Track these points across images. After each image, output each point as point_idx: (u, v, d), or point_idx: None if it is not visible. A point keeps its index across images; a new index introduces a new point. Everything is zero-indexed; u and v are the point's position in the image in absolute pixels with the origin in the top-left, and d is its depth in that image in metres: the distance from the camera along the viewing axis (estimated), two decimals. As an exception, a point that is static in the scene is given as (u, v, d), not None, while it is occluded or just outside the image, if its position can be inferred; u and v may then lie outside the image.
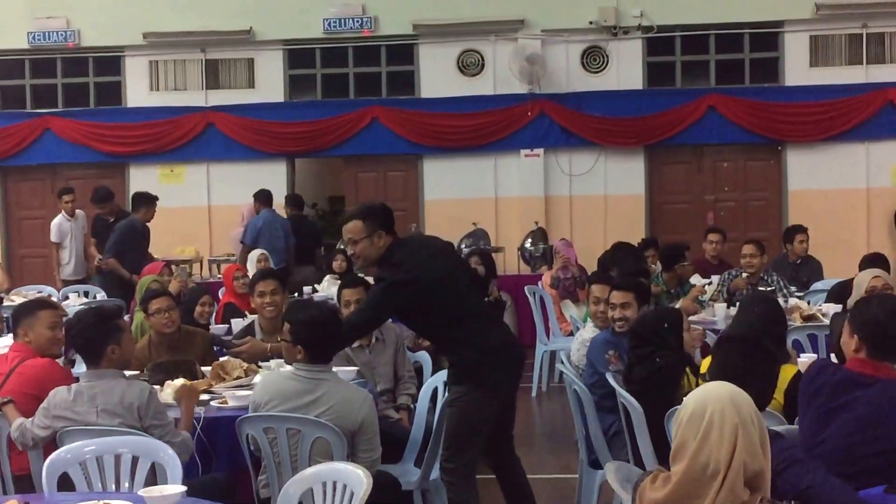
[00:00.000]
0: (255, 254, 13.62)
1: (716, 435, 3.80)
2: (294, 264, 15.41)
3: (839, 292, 10.38)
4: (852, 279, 10.55)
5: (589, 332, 8.18)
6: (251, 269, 12.28)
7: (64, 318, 7.00)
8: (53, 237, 15.88)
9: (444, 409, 6.74)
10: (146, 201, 15.17)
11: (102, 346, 5.99)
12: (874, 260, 10.38)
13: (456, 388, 6.61)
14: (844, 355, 5.28)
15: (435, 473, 6.80)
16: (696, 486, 3.81)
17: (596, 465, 7.00)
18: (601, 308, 8.10)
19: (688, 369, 6.59)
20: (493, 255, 16.34)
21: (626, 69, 18.20)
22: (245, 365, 7.34)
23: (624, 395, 6.62)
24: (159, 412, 5.94)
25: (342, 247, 13.54)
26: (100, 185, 16.84)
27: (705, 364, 6.43)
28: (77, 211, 15.99)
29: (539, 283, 13.73)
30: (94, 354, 6.02)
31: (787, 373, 5.78)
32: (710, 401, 3.87)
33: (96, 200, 15.59)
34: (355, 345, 8.06)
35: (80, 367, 7.18)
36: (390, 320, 7.59)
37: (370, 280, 7.82)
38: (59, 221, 15.95)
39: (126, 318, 11.33)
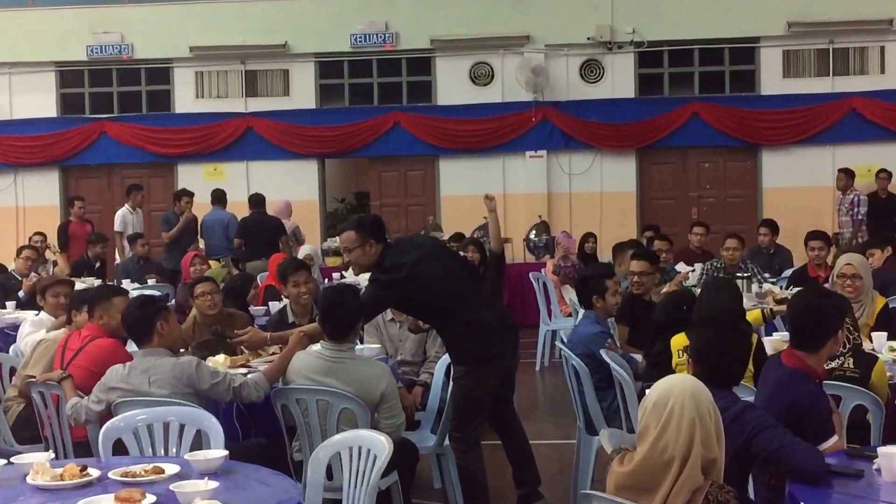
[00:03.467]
0: (306, 248, 13.71)
1: (674, 426, 3.83)
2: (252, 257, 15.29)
3: (797, 278, 10.45)
4: (805, 266, 10.65)
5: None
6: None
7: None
8: (118, 227, 15.84)
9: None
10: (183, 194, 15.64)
11: (152, 323, 5.99)
12: (816, 234, 10.74)
13: (459, 367, 6.58)
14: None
15: (448, 440, 6.80)
16: (655, 468, 3.84)
17: (592, 431, 6.99)
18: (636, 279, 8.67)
19: None
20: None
21: (619, 80, 18.18)
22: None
23: (618, 371, 6.61)
24: (212, 372, 5.99)
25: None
26: (150, 182, 17.04)
27: (677, 341, 6.43)
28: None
29: (542, 270, 13.72)
30: (145, 332, 6.02)
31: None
32: (673, 392, 3.89)
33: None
34: (388, 317, 8.04)
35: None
36: None
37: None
38: (123, 213, 15.96)
39: (171, 302, 11.44)
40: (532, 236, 16.77)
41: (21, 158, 18.98)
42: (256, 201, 15.85)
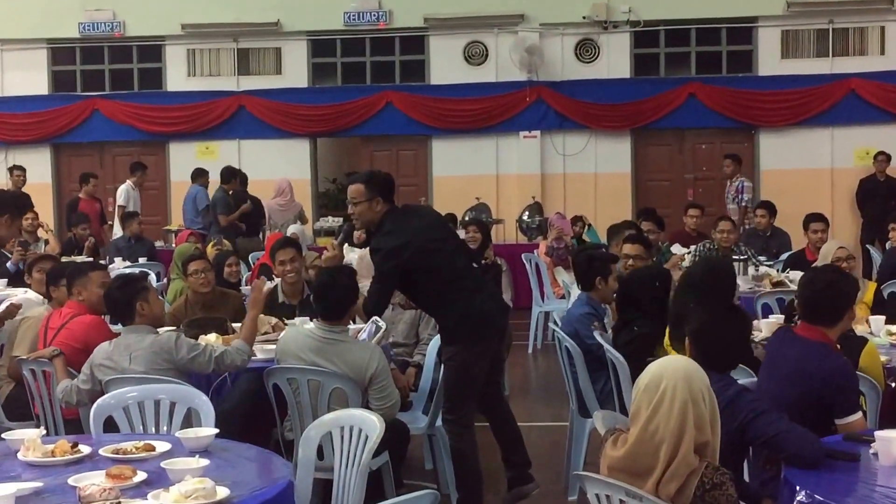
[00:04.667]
0: (293, 227, 13.75)
1: (666, 408, 3.82)
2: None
3: (794, 261, 10.49)
4: (803, 249, 10.70)
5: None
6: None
7: None
8: (121, 201, 15.82)
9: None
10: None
11: (131, 304, 6.03)
12: (817, 216, 10.83)
13: (449, 348, 6.54)
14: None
15: (439, 421, 6.81)
16: (647, 451, 3.83)
17: (585, 413, 6.99)
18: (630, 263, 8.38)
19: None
20: (494, 225, 16.42)
21: (615, 60, 18.13)
22: (273, 322, 7.34)
23: (611, 352, 6.60)
24: (192, 345, 6.02)
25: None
26: (141, 160, 17.09)
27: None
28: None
29: (535, 251, 13.72)
30: (125, 312, 6.07)
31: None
32: (666, 374, 3.89)
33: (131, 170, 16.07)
34: None
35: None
36: None
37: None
38: (126, 189, 16.00)
39: (163, 282, 11.45)
40: (525, 217, 16.78)
41: (12, 136, 18.94)
42: (238, 178, 15.90)
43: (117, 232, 15.51)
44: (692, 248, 11.85)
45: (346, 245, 13.74)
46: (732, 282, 6.66)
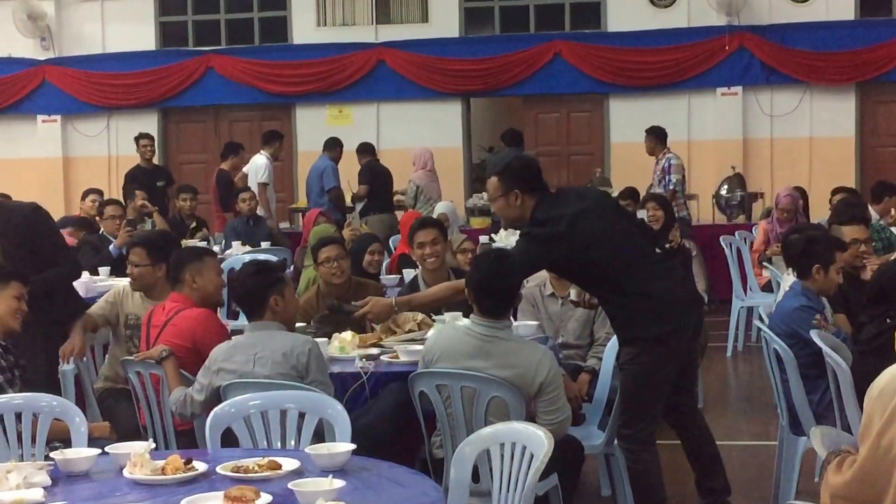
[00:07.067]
0: (441, 205, 13.86)
1: None
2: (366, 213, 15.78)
3: None
4: None
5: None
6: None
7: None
8: (264, 177, 15.81)
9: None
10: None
11: (264, 297, 6.15)
12: None
13: (626, 349, 6.55)
14: None
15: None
16: (878, 472, 3.72)
17: (798, 431, 6.92)
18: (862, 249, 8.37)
19: None
20: (687, 202, 16.26)
21: (836, -3, 17.87)
22: (419, 318, 7.40)
23: (830, 355, 6.50)
24: (323, 369, 6.08)
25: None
26: (264, 127, 17.36)
27: None
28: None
29: (735, 233, 13.51)
30: (256, 305, 6.18)
31: None
32: None
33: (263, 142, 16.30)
34: (548, 292, 8.08)
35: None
36: None
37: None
38: (266, 161, 15.99)
39: (289, 270, 11.63)
40: (723, 192, 16.62)
41: (115, 100, 19.42)
42: (367, 149, 16.13)
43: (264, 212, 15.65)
44: (932, 231, 11.63)
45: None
46: None
